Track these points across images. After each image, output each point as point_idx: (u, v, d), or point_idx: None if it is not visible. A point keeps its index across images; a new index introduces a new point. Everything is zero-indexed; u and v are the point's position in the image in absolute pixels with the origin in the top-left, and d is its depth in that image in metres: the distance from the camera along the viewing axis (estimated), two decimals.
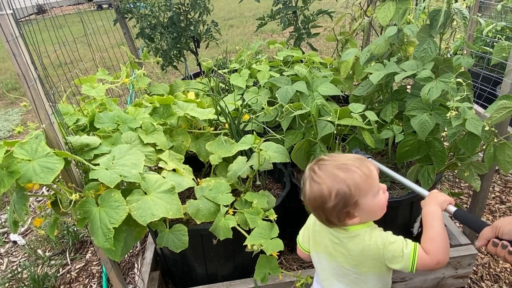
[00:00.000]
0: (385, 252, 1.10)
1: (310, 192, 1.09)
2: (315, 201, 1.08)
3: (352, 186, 1.05)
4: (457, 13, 1.65)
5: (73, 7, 2.68)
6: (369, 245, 1.12)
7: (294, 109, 1.83)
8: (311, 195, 1.09)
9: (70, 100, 1.91)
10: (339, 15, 2.85)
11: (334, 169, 1.07)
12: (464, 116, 1.51)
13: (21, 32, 1.14)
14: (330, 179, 1.06)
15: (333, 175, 1.06)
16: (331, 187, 1.05)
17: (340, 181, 1.05)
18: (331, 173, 1.07)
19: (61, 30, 1.88)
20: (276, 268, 1.54)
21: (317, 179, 1.08)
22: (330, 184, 1.05)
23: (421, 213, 1.17)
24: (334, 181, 1.05)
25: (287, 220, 2.20)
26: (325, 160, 1.11)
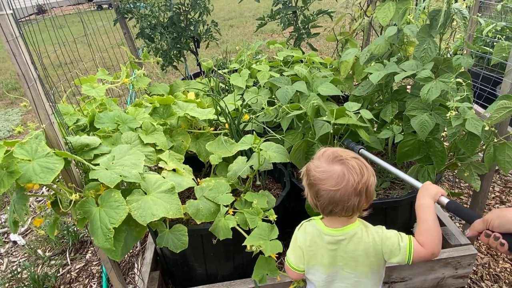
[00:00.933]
0: (383, 248, 1.13)
1: (333, 188, 1.09)
2: (340, 197, 1.09)
3: (366, 170, 1.12)
4: (457, 13, 1.65)
5: (73, 7, 2.68)
6: (368, 242, 1.13)
7: (291, 110, 1.83)
8: (360, 179, 1.09)
9: (70, 100, 1.91)
10: (339, 15, 2.85)
11: (347, 160, 1.12)
12: (464, 116, 1.51)
13: (21, 32, 1.14)
14: (350, 166, 1.10)
15: (352, 165, 1.10)
16: (357, 168, 1.09)
17: (357, 166, 1.10)
18: (349, 164, 1.11)
19: (61, 30, 1.88)
20: (275, 269, 1.54)
21: (356, 163, 1.10)
22: (355, 168, 1.10)
23: (415, 205, 1.19)
24: (355, 166, 1.10)
25: (287, 220, 2.20)
26: (326, 150, 1.16)
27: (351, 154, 1.14)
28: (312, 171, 1.14)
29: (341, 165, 1.10)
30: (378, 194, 1.89)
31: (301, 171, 1.24)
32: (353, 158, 1.12)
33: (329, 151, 1.16)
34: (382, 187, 1.95)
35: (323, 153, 1.16)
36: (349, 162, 1.10)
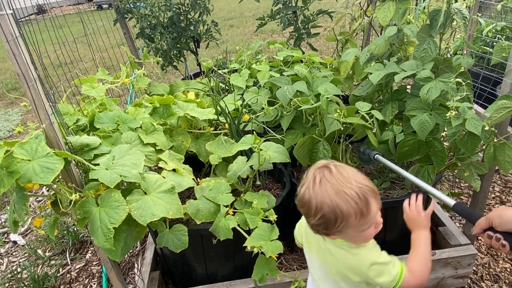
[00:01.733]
0: (370, 271, 1.07)
1: (301, 196, 1.03)
2: (302, 207, 1.04)
3: (339, 217, 0.98)
4: (457, 13, 1.65)
5: (73, 7, 2.68)
6: (353, 262, 1.09)
7: (302, 103, 1.82)
8: (301, 199, 1.04)
9: (70, 100, 1.91)
10: (339, 15, 2.85)
11: (332, 190, 0.98)
12: (464, 116, 1.51)
13: (21, 32, 1.14)
14: (323, 197, 0.98)
15: (328, 195, 0.98)
16: (320, 206, 0.98)
17: (331, 206, 0.97)
18: (327, 192, 0.98)
19: (61, 30, 1.88)
20: (275, 269, 1.54)
21: (312, 189, 1.00)
22: (320, 203, 0.98)
23: (412, 235, 1.19)
24: (324, 202, 0.98)
25: (287, 220, 2.20)
26: (331, 172, 1.01)
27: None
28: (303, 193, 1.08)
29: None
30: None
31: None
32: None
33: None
34: (382, 187, 1.95)
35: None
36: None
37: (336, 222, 0.98)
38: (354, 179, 1.00)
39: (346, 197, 0.97)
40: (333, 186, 0.98)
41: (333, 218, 0.98)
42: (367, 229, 1.03)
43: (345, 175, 1.00)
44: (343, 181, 0.99)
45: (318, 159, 1.75)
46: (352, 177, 1.00)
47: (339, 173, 1.01)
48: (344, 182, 0.99)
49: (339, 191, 0.97)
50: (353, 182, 0.99)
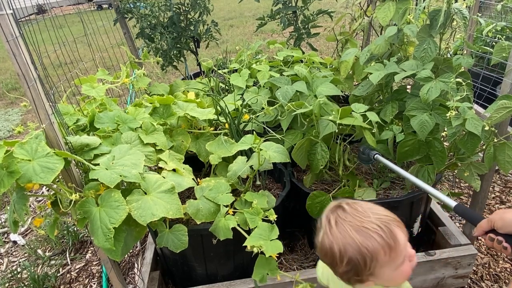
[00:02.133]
0: None
1: (321, 245, 0.94)
2: (324, 257, 0.95)
3: (367, 256, 0.88)
4: (457, 13, 1.65)
5: (73, 7, 2.68)
6: None
7: (296, 107, 1.82)
8: (322, 248, 0.95)
9: (70, 100, 1.91)
10: (339, 15, 2.84)
11: (351, 228, 0.90)
12: (464, 116, 1.51)
13: (21, 32, 1.14)
14: (344, 239, 0.90)
15: (349, 236, 0.90)
16: (343, 249, 0.90)
17: (355, 246, 0.89)
18: (347, 232, 0.90)
19: (61, 30, 1.87)
20: (275, 269, 1.54)
21: (330, 234, 0.92)
22: (343, 246, 0.90)
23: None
24: (348, 245, 0.89)
25: (287, 220, 2.21)
26: (345, 212, 0.94)
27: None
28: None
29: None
30: (378, 194, 1.89)
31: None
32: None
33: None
34: (382, 187, 1.95)
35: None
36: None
37: (366, 264, 0.89)
38: (371, 212, 0.93)
39: (369, 233, 0.89)
40: (351, 224, 0.91)
41: (361, 259, 0.89)
42: (402, 265, 0.92)
43: (360, 210, 0.94)
44: (360, 217, 0.92)
45: (317, 161, 1.75)
46: (369, 210, 0.94)
47: (354, 209, 0.94)
48: (362, 217, 0.92)
49: (359, 228, 0.90)
50: (371, 215, 0.92)
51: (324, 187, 2.01)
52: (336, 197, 1.77)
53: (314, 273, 1.75)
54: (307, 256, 2.16)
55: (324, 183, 2.04)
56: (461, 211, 1.17)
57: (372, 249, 0.88)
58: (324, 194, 1.76)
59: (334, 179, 2.02)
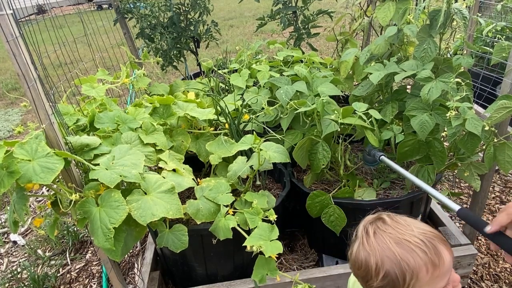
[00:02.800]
0: None
1: (356, 257, 0.88)
2: (358, 270, 0.88)
3: (407, 271, 0.81)
4: (457, 13, 1.65)
5: (73, 7, 2.68)
6: None
7: (298, 106, 1.82)
8: (356, 260, 0.88)
9: (70, 100, 1.91)
10: (339, 15, 2.85)
11: (391, 240, 0.84)
12: (464, 116, 1.51)
13: (21, 32, 1.14)
14: (382, 250, 0.83)
15: (388, 247, 0.83)
16: (380, 262, 0.83)
17: (394, 259, 0.82)
18: (386, 243, 0.83)
19: (61, 30, 1.88)
20: (274, 269, 1.53)
21: (368, 245, 0.86)
22: (380, 258, 0.83)
23: None
24: (386, 257, 0.82)
25: (287, 220, 2.21)
26: (385, 223, 0.88)
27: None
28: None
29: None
30: (378, 194, 1.89)
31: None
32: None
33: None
34: (382, 187, 1.95)
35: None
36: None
37: (405, 281, 0.81)
38: (414, 226, 0.86)
39: (411, 246, 0.81)
40: (391, 236, 0.84)
41: (400, 275, 0.81)
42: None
43: (402, 222, 0.87)
44: (402, 229, 0.85)
45: (318, 161, 1.75)
46: (412, 224, 0.87)
47: (395, 221, 0.88)
48: (404, 230, 0.84)
49: (400, 240, 0.83)
50: (414, 229, 0.85)
51: (324, 187, 2.01)
52: (336, 197, 1.78)
53: (314, 273, 1.75)
54: (307, 256, 2.16)
55: (324, 183, 2.04)
56: (465, 215, 1.14)
57: (414, 265, 0.81)
58: (324, 194, 1.76)
59: (334, 179, 2.02)
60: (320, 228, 1.82)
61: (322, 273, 1.75)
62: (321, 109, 1.73)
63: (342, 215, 1.73)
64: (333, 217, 1.75)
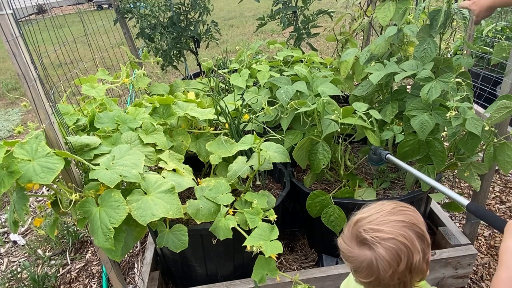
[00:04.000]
0: None
1: (391, 267, 0.86)
2: (400, 273, 0.87)
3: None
4: (457, 13, 1.65)
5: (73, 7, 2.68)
6: None
7: (299, 106, 1.82)
8: (394, 269, 0.86)
9: (70, 100, 1.91)
10: (339, 15, 2.85)
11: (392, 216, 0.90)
12: (464, 116, 1.51)
13: (21, 32, 1.14)
14: (395, 227, 0.87)
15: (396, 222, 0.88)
16: (410, 252, 0.86)
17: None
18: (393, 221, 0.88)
19: (61, 30, 1.88)
20: (274, 270, 1.53)
21: (386, 249, 0.86)
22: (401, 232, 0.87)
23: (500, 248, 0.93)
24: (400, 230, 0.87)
25: (287, 220, 2.21)
26: (366, 217, 0.93)
27: (384, 233, 0.87)
28: (343, 251, 0.94)
29: (370, 251, 0.88)
30: (378, 194, 1.89)
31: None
32: (385, 241, 0.86)
33: (360, 224, 0.92)
34: (382, 187, 1.95)
35: (353, 225, 0.94)
36: (378, 250, 0.86)
37: (409, 261, 0.87)
38: (375, 222, 0.91)
39: (387, 237, 0.88)
40: (369, 242, 0.89)
41: (405, 259, 0.87)
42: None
43: (369, 220, 0.92)
44: (374, 224, 0.91)
45: (318, 161, 1.75)
46: (372, 221, 0.92)
47: (364, 222, 0.93)
48: (377, 223, 0.90)
49: (374, 240, 0.88)
50: (378, 223, 0.90)
51: (324, 187, 2.01)
52: (336, 197, 1.78)
53: (314, 273, 1.75)
54: (307, 256, 2.16)
55: (324, 183, 2.04)
56: (474, 209, 1.15)
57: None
58: (324, 194, 1.76)
59: (334, 179, 2.02)
60: (320, 228, 1.82)
61: (322, 273, 1.75)
62: (322, 109, 1.73)
63: (342, 215, 1.73)
64: (333, 217, 1.75)
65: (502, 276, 0.82)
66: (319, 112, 1.74)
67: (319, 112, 1.74)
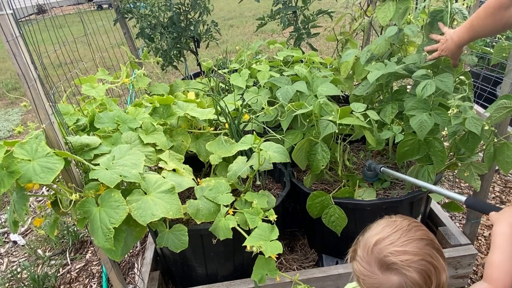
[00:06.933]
0: None
1: (413, 280, 0.82)
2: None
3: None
4: (457, 13, 1.65)
5: (73, 7, 2.68)
6: None
7: (296, 108, 1.82)
8: (414, 283, 0.83)
9: (70, 100, 1.91)
10: (339, 15, 2.85)
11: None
12: (464, 115, 1.51)
13: (21, 32, 1.14)
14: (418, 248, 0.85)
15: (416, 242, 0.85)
16: (439, 272, 0.85)
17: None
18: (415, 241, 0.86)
19: (61, 30, 1.88)
20: (274, 270, 1.53)
21: (418, 273, 0.82)
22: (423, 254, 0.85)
23: (492, 231, 0.97)
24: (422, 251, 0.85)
25: (287, 220, 2.21)
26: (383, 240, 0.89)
27: (411, 255, 0.84)
28: (363, 277, 0.89)
29: (399, 276, 0.83)
30: (378, 194, 1.89)
31: (351, 248, 0.98)
32: (415, 263, 0.83)
33: (381, 247, 0.87)
34: (382, 187, 1.95)
35: (373, 248, 0.88)
36: (409, 274, 0.82)
37: (439, 282, 0.85)
38: (395, 245, 0.88)
39: (414, 260, 0.85)
40: (398, 267, 0.85)
41: (435, 281, 0.85)
42: None
43: (390, 242, 0.89)
44: (396, 248, 0.87)
45: (317, 161, 1.75)
46: (393, 244, 0.89)
47: (384, 245, 0.90)
48: (398, 247, 0.87)
49: (403, 265, 0.85)
50: (398, 248, 0.87)
51: (324, 187, 2.01)
52: (336, 197, 1.77)
53: (314, 273, 1.75)
54: (307, 256, 2.16)
55: (324, 183, 2.04)
56: (472, 203, 1.16)
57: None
58: (324, 194, 1.76)
59: (334, 179, 2.02)
60: (320, 228, 1.82)
61: (322, 273, 1.75)
62: (319, 111, 1.73)
63: (343, 215, 1.73)
64: (334, 217, 1.75)
65: (497, 259, 0.86)
66: (315, 113, 1.74)
67: (316, 114, 1.74)
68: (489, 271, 0.88)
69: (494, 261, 0.87)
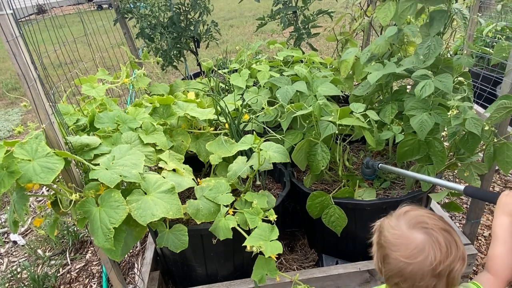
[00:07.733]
0: None
1: (442, 256, 0.85)
2: (445, 266, 0.85)
3: None
4: (457, 13, 1.65)
5: (73, 7, 2.68)
6: None
7: (295, 109, 1.82)
8: (443, 259, 0.85)
9: (70, 100, 1.91)
10: (339, 15, 2.85)
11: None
12: (464, 115, 1.51)
13: (21, 32, 1.14)
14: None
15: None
16: (460, 254, 0.87)
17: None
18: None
19: (61, 30, 1.88)
20: (274, 270, 1.53)
21: (444, 238, 0.86)
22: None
23: (493, 224, 1.01)
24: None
25: (287, 220, 2.21)
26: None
27: (441, 225, 0.89)
28: (385, 231, 0.94)
29: (424, 235, 0.87)
30: (378, 194, 1.89)
31: (373, 225, 1.03)
32: (442, 230, 0.88)
33: (413, 213, 0.93)
34: (382, 187, 1.95)
35: (405, 213, 0.94)
36: (435, 235, 0.86)
37: (456, 262, 0.86)
38: (429, 215, 0.94)
39: (444, 228, 0.90)
40: (427, 227, 0.90)
41: (454, 256, 0.87)
42: None
43: (424, 213, 0.95)
44: (430, 218, 0.93)
45: (317, 162, 1.75)
46: (427, 214, 0.94)
47: (419, 213, 0.95)
48: (431, 218, 0.93)
49: (432, 227, 0.89)
50: (432, 218, 0.92)
51: (324, 187, 2.01)
52: (336, 197, 1.77)
53: (314, 273, 1.75)
54: (307, 256, 2.16)
55: (324, 183, 2.04)
56: (471, 192, 1.17)
57: None
58: (324, 194, 1.76)
59: (334, 179, 2.02)
60: (320, 228, 1.82)
61: (322, 273, 1.75)
62: (318, 112, 1.73)
63: (343, 215, 1.73)
64: (334, 217, 1.75)
65: (498, 251, 0.91)
66: (315, 115, 1.74)
67: (316, 115, 1.74)
68: (492, 263, 0.93)
69: (496, 253, 0.91)
